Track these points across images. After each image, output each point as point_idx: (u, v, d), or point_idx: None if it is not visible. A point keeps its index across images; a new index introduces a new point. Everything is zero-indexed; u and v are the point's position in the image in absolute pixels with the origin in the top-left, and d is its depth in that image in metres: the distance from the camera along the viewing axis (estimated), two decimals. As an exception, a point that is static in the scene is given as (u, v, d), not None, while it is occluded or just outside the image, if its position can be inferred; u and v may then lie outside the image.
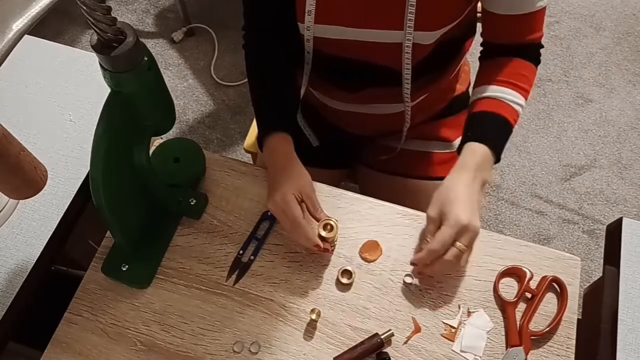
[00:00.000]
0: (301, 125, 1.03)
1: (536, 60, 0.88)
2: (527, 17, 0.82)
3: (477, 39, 0.94)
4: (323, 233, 0.79)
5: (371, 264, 0.83)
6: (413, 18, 0.78)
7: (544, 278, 0.81)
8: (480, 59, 0.92)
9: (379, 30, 0.81)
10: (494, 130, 0.83)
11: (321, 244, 0.79)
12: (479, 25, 0.92)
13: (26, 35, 1.08)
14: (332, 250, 0.84)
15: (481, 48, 0.91)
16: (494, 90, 0.85)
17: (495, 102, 0.84)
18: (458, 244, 0.75)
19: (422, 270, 0.79)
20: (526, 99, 0.86)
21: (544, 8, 0.83)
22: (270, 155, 0.86)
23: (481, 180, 0.81)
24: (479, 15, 0.89)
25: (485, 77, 0.87)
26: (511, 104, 0.84)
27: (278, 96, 0.89)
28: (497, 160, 0.83)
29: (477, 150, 0.81)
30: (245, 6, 0.90)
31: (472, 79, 0.94)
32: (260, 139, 0.88)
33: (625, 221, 0.86)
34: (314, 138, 1.05)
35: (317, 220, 0.81)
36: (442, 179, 1.05)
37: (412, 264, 0.80)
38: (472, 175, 0.79)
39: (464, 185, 0.78)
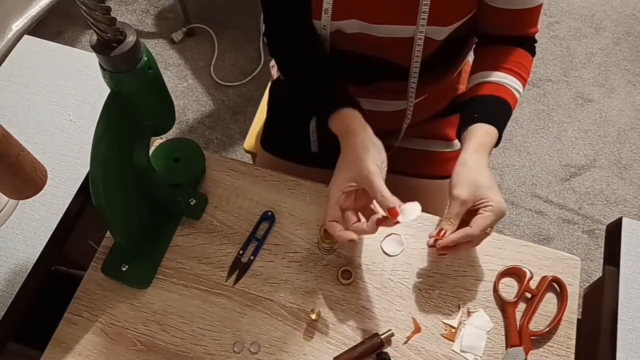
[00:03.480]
0: (311, 129, 1.03)
1: (532, 52, 0.90)
2: (527, 12, 0.84)
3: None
4: (401, 221, 0.74)
5: (371, 264, 0.83)
6: (427, 10, 0.78)
7: (544, 278, 0.81)
8: (476, 48, 0.93)
9: (393, 25, 0.82)
10: (502, 116, 0.84)
11: (352, 237, 0.74)
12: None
13: (26, 35, 1.08)
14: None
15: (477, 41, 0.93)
16: (501, 77, 0.86)
17: (503, 88, 0.85)
18: (490, 230, 0.75)
19: (445, 251, 0.76)
20: (524, 86, 0.88)
21: (540, 6, 0.85)
22: (341, 133, 0.80)
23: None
24: None
25: (489, 62, 0.88)
26: (514, 92, 0.85)
27: (333, 79, 0.86)
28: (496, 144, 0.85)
29: (491, 133, 0.82)
30: (265, 11, 0.90)
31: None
32: (328, 117, 0.82)
33: (625, 221, 0.86)
34: (315, 144, 1.05)
35: (383, 206, 0.72)
36: (443, 177, 1.06)
37: (434, 243, 0.76)
38: (488, 157, 0.80)
39: (487, 168, 0.78)
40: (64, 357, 0.78)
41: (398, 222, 0.71)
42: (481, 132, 0.81)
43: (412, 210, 0.71)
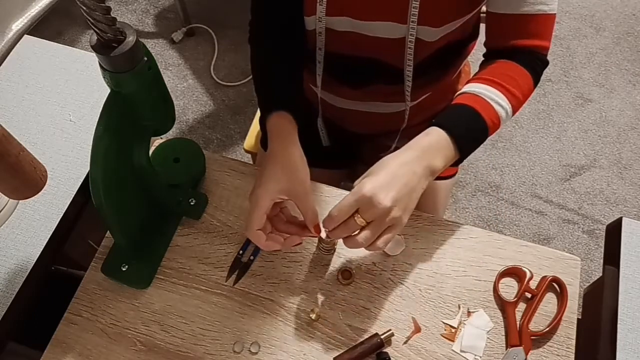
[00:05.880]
0: (319, 125, 1.03)
1: (531, 68, 0.81)
2: (526, 19, 0.80)
3: (480, 39, 0.94)
4: (324, 236, 0.78)
5: (371, 264, 0.83)
6: (417, 12, 0.78)
7: (544, 278, 0.81)
8: (479, 67, 0.88)
9: (385, 22, 0.81)
10: (460, 120, 0.76)
11: (277, 247, 0.74)
12: (482, 26, 0.92)
13: (26, 35, 1.09)
14: (333, 251, 0.83)
15: (483, 58, 0.89)
16: (475, 87, 0.79)
17: (472, 96, 0.78)
18: (357, 216, 0.68)
19: (329, 235, 0.71)
20: (512, 103, 0.79)
21: (549, 16, 0.79)
22: (268, 139, 0.78)
23: (427, 163, 0.72)
24: (483, 15, 0.89)
25: (475, 75, 0.83)
26: (490, 101, 0.77)
27: (278, 74, 0.84)
28: (461, 155, 0.75)
29: (431, 133, 0.74)
30: (253, 2, 0.90)
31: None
32: (262, 123, 0.81)
33: (625, 221, 0.86)
34: (326, 138, 1.05)
35: (310, 223, 0.74)
36: (440, 178, 1.06)
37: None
38: (414, 154, 0.72)
39: (397, 162, 0.71)
40: (64, 357, 0.78)
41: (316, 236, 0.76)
42: (422, 133, 0.75)
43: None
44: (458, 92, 0.82)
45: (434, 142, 0.74)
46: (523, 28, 0.81)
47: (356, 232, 0.69)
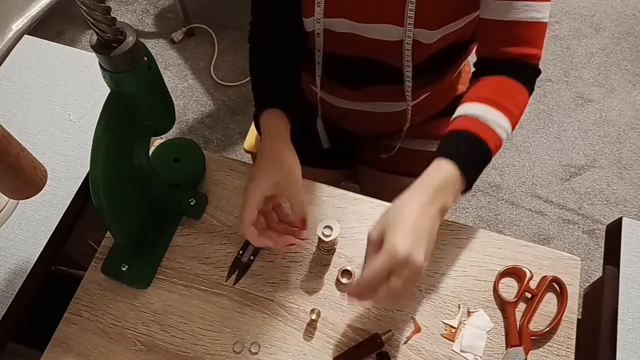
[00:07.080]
0: (319, 126, 1.03)
1: (526, 81, 0.79)
2: (518, 26, 0.77)
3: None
4: (322, 236, 0.79)
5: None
6: (413, 15, 0.78)
7: (543, 278, 0.81)
8: (470, 80, 0.85)
9: (382, 24, 0.81)
10: (466, 150, 0.73)
11: (269, 244, 0.76)
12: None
13: (26, 35, 1.09)
14: (333, 252, 0.83)
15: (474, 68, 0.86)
16: (476, 109, 0.76)
17: (475, 121, 0.75)
18: (393, 279, 0.64)
19: (357, 303, 0.68)
20: (511, 122, 0.77)
21: (541, 24, 0.77)
22: (262, 136, 0.79)
23: (441, 204, 0.69)
24: None
25: (472, 93, 0.80)
26: (493, 126, 0.74)
27: (275, 73, 0.85)
28: (468, 187, 0.73)
29: (442, 169, 0.71)
30: (253, 2, 0.90)
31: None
32: (256, 120, 0.83)
33: (625, 221, 0.86)
34: (326, 140, 1.05)
35: (297, 216, 0.75)
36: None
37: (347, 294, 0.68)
38: (429, 197, 0.68)
39: (416, 208, 0.67)
40: (64, 357, 0.78)
41: (305, 238, 0.78)
42: (431, 168, 0.72)
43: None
44: (459, 112, 0.78)
45: (445, 180, 0.71)
46: (514, 35, 0.79)
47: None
